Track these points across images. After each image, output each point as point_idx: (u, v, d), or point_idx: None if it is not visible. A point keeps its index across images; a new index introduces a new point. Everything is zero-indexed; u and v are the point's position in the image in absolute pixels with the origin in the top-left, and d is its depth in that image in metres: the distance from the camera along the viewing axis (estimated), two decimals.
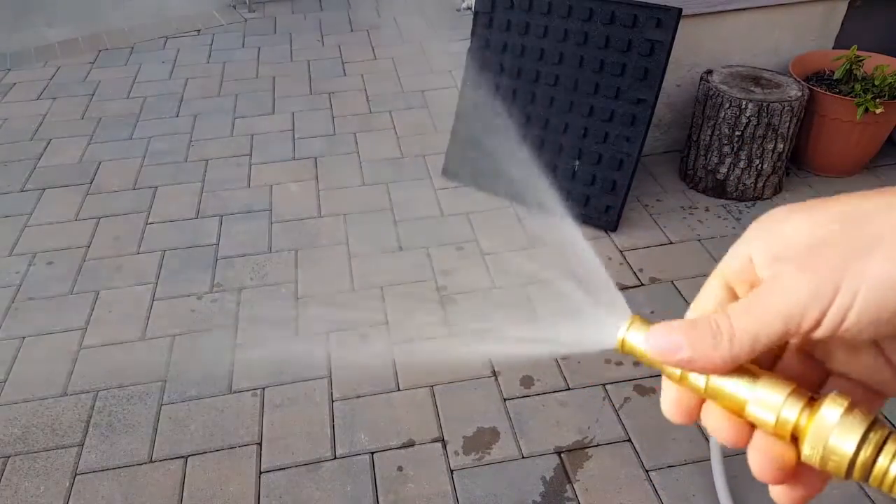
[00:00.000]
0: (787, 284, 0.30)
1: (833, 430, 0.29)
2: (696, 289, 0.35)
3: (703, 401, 0.34)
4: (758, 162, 2.43)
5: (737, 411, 0.32)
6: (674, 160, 2.76)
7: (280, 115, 3.20)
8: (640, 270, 2.21)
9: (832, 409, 0.30)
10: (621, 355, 1.94)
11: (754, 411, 0.31)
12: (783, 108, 2.33)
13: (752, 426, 0.32)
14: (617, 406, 1.80)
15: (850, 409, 0.30)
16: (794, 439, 0.31)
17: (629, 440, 1.71)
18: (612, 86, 2.31)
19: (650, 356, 0.33)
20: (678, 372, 0.33)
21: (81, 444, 1.74)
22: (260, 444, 1.73)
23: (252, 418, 1.80)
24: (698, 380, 0.33)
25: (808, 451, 0.30)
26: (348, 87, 3.43)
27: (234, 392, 1.87)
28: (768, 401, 0.31)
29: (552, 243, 2.34)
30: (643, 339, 0.34)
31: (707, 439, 1.69)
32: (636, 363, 1.90)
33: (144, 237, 2.45)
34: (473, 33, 2.55)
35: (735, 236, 0.33)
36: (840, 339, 0.30)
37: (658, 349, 0.32)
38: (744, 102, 2.33)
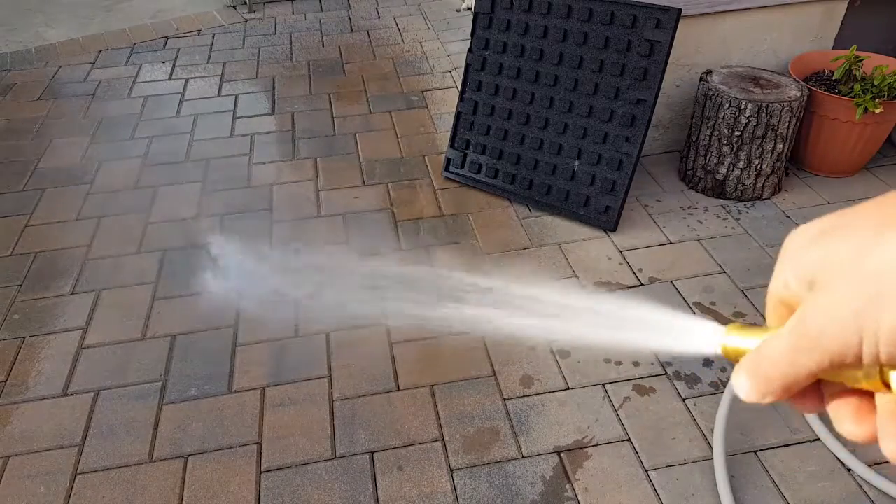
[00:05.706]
0: (822, 328, 0.31)
1: None
2: (696, 288, 0.36)
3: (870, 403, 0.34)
4: (757, 162, 2.43)
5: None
6: (673, 160, 2.76)
7: (280, 116, 3.20)
8: (640, 270, 2.21)
9: None
10: (620, 355, 1.94)
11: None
12: (782, 109, 2.33)
13: None
14: (616, 406, 1.80)
15: None
16: None
17: (629, 440, 1.72)
18: (611, 86, 2.32)
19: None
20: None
21: (82, 444, 1.75)
22: (260, 444, 1.74)
23: (252, 418, 1.80)
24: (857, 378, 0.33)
25: None
26: (348, 87, 3.43)
27: (235, 392, 1.88)
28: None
29: (551, 243, 2.35)
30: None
31: (707, 440, 1.70)
32: (636, 362, 1.91)
33: (145, 237, 2.46)
34: (473, 34, 2.56)
35: (734, 236, 0.33)
36: None
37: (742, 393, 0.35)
38: (743, 103, 2.34)
